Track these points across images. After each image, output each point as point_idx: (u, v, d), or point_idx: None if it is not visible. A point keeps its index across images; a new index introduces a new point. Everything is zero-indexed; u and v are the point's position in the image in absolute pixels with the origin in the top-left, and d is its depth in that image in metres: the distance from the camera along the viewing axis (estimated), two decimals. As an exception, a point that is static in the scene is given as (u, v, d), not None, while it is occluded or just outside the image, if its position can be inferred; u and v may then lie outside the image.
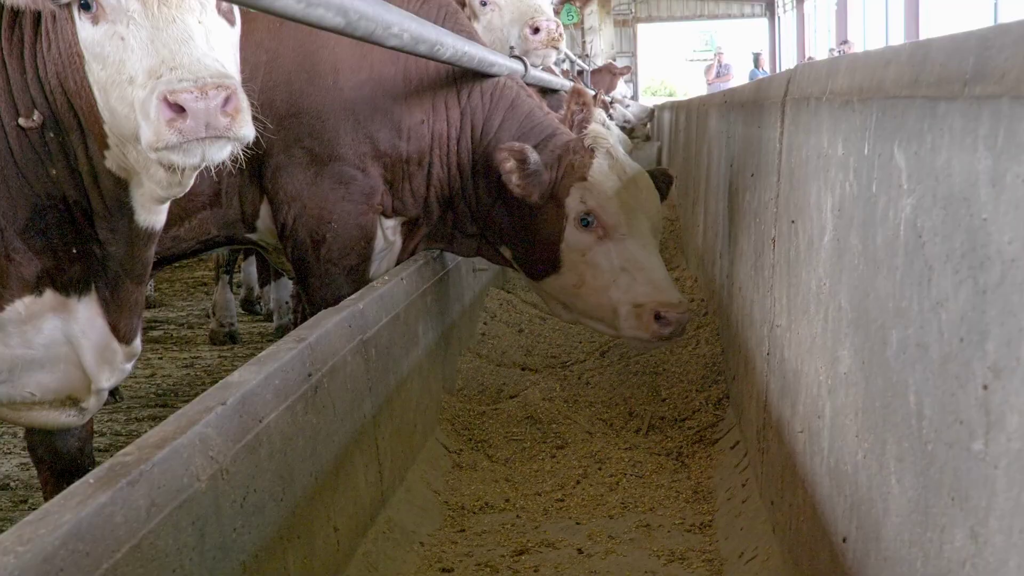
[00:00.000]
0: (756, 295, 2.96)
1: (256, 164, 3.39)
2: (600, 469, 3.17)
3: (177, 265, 9.72)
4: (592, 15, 29.74)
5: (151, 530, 1.45)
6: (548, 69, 5.71)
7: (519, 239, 3.53)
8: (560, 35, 5.24)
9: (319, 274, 3.47)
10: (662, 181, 3.61)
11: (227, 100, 1.86)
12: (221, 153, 1.94)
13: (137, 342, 2.62)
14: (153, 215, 2.43)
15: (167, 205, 2.47)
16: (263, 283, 7.12)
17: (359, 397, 2.55)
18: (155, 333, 6.73)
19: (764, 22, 38.05)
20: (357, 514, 2.43)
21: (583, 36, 28.88)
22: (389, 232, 3.62)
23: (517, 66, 3.97)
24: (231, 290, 6.48)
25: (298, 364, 2.16)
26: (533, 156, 3.32)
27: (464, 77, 3.56)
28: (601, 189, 3.32)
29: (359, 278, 3.48)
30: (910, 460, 1.34)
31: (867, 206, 1.66)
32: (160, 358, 6.05)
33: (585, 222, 3.34)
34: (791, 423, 2.28)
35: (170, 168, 2.04)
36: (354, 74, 3.44)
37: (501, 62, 3.59)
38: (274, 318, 6.44)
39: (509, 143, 3.38)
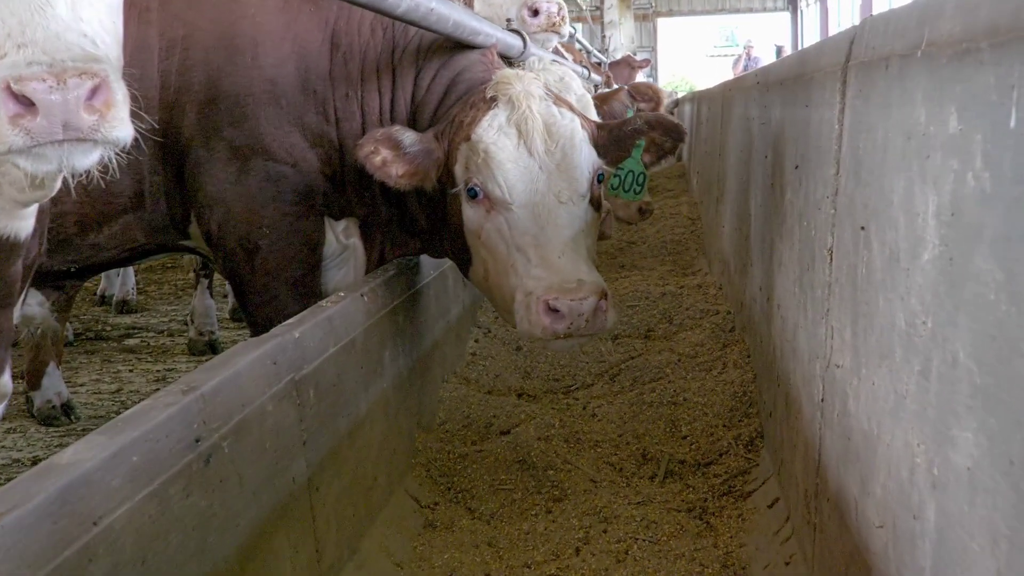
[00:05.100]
0: (803, 319, 2.33)
1: (181, 160, 2.78)
2: (605, 532, 2.55)
3: (170, 265, 9.16)
4: (612, 9, 29.20)
5: None
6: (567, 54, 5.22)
7: (443, 229, 2.85)
8: (562, 19, 4.73)
9: (257, 289, 2.84)
10: (662, 133, 2.85)
11: (95, 91, 1.35)
12: (85, 159, 1.43)
13: (6, 378, 2.07)
14: (16, 221, 1.91)
15: (34, 209, 1.91)
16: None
17: (285, 456, 1.95)
18: (131, 342, 6.20)
19: (786, 16, 37.30)
20: (278, 614, 1.83)
21: (603, 30, 28.40)
22: (341, 234, 2.97)
23: (512, 39, 3.32)
24: (211, 295, 5.95)
25: (178, 426, 1.55)
26: (407, 137, 2.64)
27: (404, 38, 2.90)
28: (481, 148, 2.58)
29: (307, 292, 2.85)
30: None
31: (1013, 210, 1.04)
32: (131, 371, 5.51)
33: (472, 193, 2.61)
34: (861, 505, 1.66)
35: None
36: (276, 48, 2.81)
37: (488, 31, 2.92)
38: (258, 326, 5.90)
39: (371, 132, 2.66)
